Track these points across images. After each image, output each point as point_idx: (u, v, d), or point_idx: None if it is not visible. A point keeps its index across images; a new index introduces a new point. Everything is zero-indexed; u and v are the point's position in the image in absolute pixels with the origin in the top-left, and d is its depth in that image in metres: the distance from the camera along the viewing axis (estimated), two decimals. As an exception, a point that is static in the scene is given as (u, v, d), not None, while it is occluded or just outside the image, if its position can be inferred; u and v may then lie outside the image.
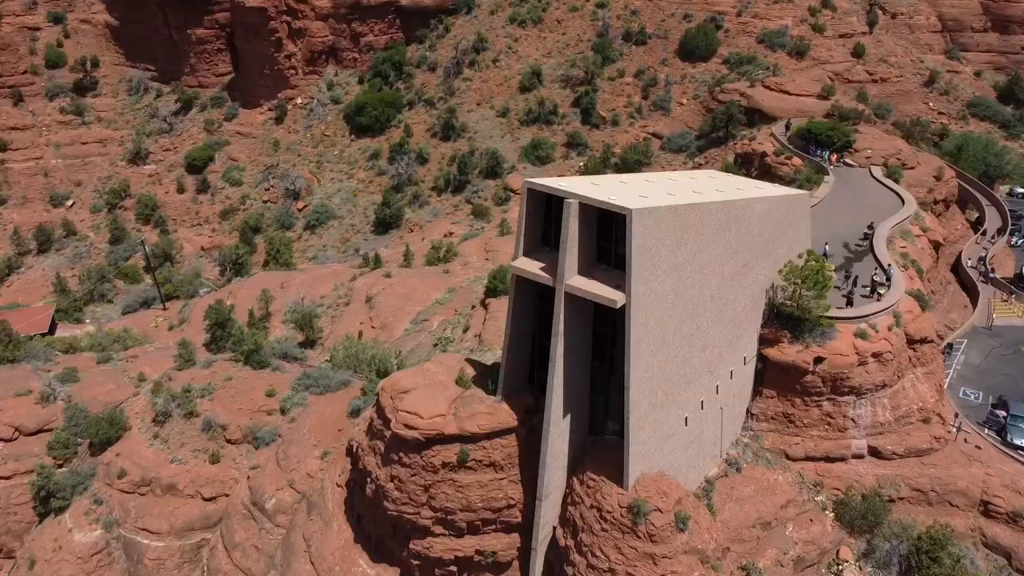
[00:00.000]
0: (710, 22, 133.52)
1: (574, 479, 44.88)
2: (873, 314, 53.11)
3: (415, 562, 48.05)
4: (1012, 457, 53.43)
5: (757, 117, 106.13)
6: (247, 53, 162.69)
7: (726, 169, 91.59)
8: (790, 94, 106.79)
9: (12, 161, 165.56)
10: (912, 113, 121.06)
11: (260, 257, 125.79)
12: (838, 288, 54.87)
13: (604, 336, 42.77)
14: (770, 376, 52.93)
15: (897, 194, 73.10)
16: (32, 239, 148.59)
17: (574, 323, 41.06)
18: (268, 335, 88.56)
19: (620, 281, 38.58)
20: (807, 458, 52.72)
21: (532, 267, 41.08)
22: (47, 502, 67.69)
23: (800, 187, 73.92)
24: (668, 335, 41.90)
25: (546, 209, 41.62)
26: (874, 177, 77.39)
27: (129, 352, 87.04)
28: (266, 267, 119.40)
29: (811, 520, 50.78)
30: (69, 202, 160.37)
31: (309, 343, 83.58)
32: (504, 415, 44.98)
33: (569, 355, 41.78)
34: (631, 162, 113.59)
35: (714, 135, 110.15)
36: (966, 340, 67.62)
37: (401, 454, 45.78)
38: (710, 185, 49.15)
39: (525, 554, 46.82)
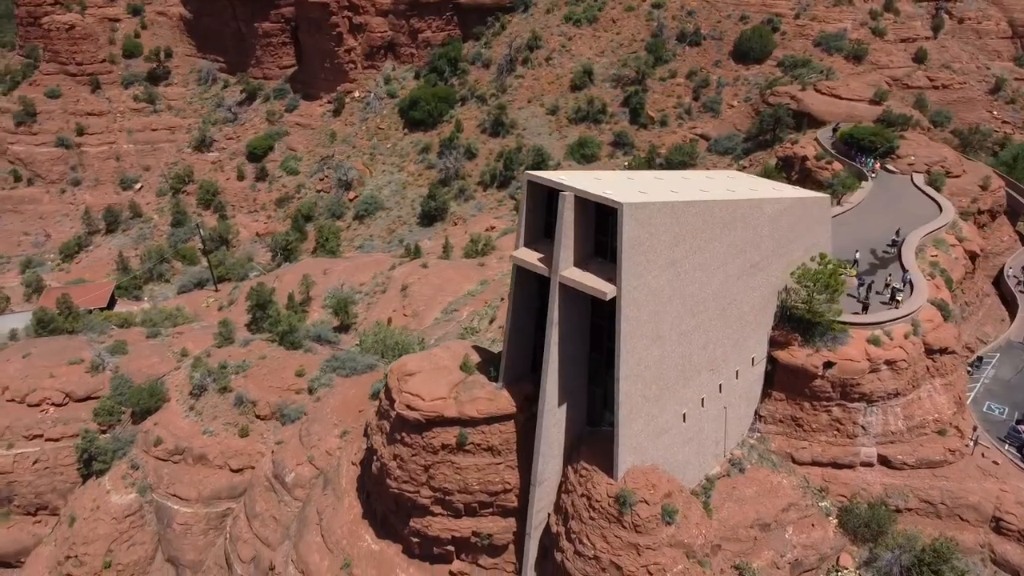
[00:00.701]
0: (766, 24, 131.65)
1: (569, 468, 45.75)
2: (889, 321, 52.30)
3: (415, 540, 49.73)
4: (1030, 475, 51.95)
5: (806, 121, 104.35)
6: (309, 47, 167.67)
7: (766, 172, 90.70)
8: (841, 98, 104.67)
9: (87, 145, 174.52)
10: (974, 121, 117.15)
11: (310, 244, 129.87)
12: (853, 296, 54.22)
13: (602, 328, 43.47)
14: (779, 379, 52.72)
15: (936, 202, 71.35)
16: (101, 219, 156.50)
17: (570, 314, 41.94)
18: (307, 318, 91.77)
19: (614, 274, 39.30)
20: (814, 463, 52.33)
21: (531, 257, 42.16)
22: (90, 465, 71.99)
23: (835, 192, 72.91)
24: (664, 330, 42.38)
25: (548, 202, 42.56)
26: (914, 184, 75.65)
27: (176, 329, 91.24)
28: (314, 254, 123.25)
29: (813, 525, 50.42)
30: (137, 185, 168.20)
31: (344, 328, 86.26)
32: (503, 401, 46.15)
33: (565, 345, 42.70)
34: (676, 163, 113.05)
35: (761, 138, 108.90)
36: (999, 354, 65.66)
37: (403, 434, 47.44)
38: (722, 185, 49.30)
39: (521, 539, 47.93)
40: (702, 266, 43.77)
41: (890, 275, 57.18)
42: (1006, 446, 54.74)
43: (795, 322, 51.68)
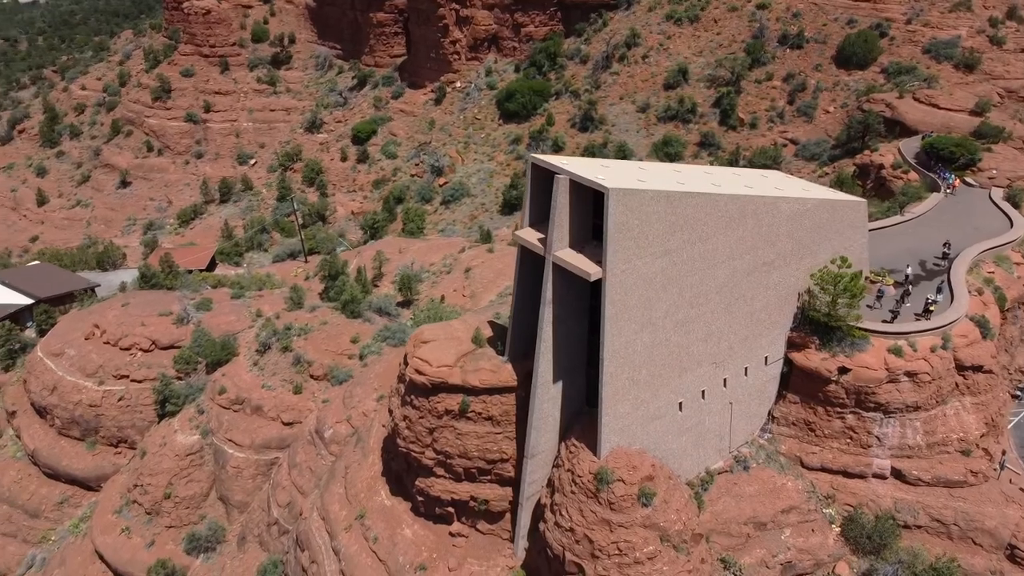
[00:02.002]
0: (875, 28, 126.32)
1: (563, 444, 47.44)
2: (915, 332, 50.87)
3: (420, 499, 52.76)
4: (1059, 506, 49.26)
5: (898, 130, 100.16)
6: (417, 37, 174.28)
7: (840, 180, 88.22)
8: (939, 108, 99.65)
9: (212, 121, 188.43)
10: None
11: (398, 225, 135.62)
12: (870, 306, 52.79)
13: (599, 311, 44.83)
14: (795, 381, 52.35)
15: (1008, 218, 67.68)
16: (216, 190, 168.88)
17: (565, 294, 43.55)
18: (375, 292, 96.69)
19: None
20: (823, 469, 51.74)
21: (532, 237, 44.10)
22: (164, 406, 79.38)
23: (901, 202, 70.45)
24: (656, 317, 43.34)
25: (552, 185, 44.22)
26: (991, 199, 71.84)
27: (258, 292, 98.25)
28: (399, 235, 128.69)
29: (813, 530, 49.98)
30: (252, 161, 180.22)
31: (406, 303, 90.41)
32: (506, 374, 48.31)
33: (560, 324, 44.38)
34: (758, 166, 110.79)
35: (849, 145, 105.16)
36: (1056, 382, 61.95)
37: (413, 397, 50.49)
38: (740, 181, 49.40)
39: (516, 508, 50.02)
40: (703, 258, 44.35)
41: (908, 280, 55.36)
42: (1041, 475, 52.01)
43: (814, 325, 51.16)
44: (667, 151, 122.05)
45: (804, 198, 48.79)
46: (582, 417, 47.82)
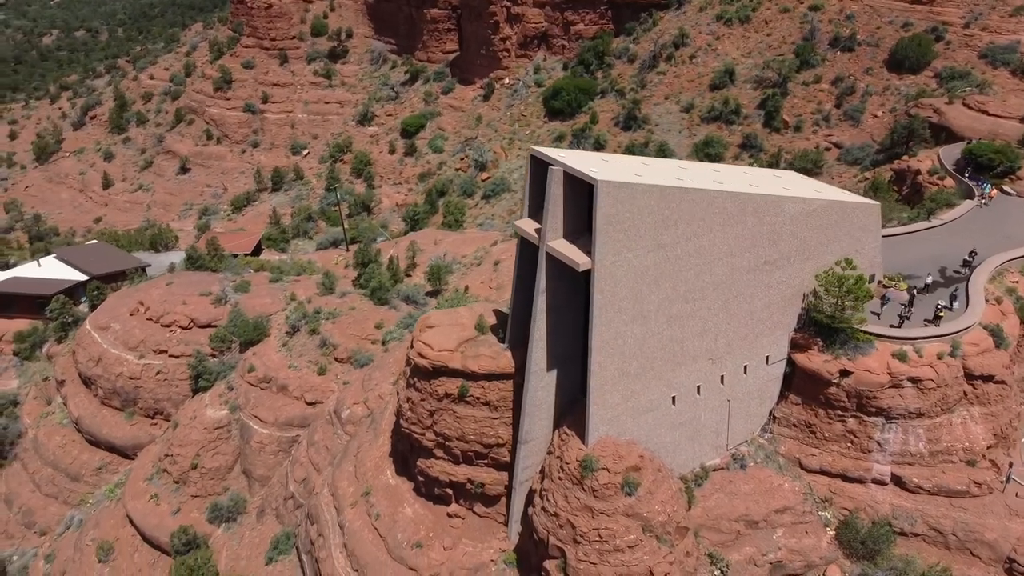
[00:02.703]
0: (930, 32, 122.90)
1: (556, 432, 48.38)
2: (922, 338, 50.15)
3: (420, 478, 54.38)
4: (1064, 523, 47.99)
5: (944, 136, 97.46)
6: (469, 34, 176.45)
7: (875, 185, 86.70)
8: (988, 114, 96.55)
9: (269, 112, 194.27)
10: None
11: (439, 218, 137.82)
12: (875, 313, 52.03)
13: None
14: (797, 382, 52.18)
15: (1043, 228, 65.68)
16: (269, 179, 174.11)
17: (560, 284, 44.44)
18: (407, 282, 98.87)
19: (597, 249, 41.45)
20: (822, 471, 51.50)
21: (529, 227, 45.15)
22: (197, 381, 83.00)
23: (929, 208, 69.05)
24: (648, 310, 43.89)
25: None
26: (1028, 208, 69.78)
27: (295, 277, 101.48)
28: (440, 227, 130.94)
29: (807, 532, 49.82)
30: (305, 151, 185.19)
31: (435, 293, 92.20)
32: (504, 361, 49.48)
33: (554, 314, 45.33)
34: (797, 169, 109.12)
35: (893, 150, 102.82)
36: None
37: (416, 379, 52.10)
38: (745, 180, 49.44)
39: (511, 493, 51.16)
40: (699, 253, 44.70)
41: (914, 287, 54.40)
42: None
43: (818, 326, 50.88)
44: (707, 152, 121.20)
45: (810, 198, 48.58)
46: (576, 406, 48.57)
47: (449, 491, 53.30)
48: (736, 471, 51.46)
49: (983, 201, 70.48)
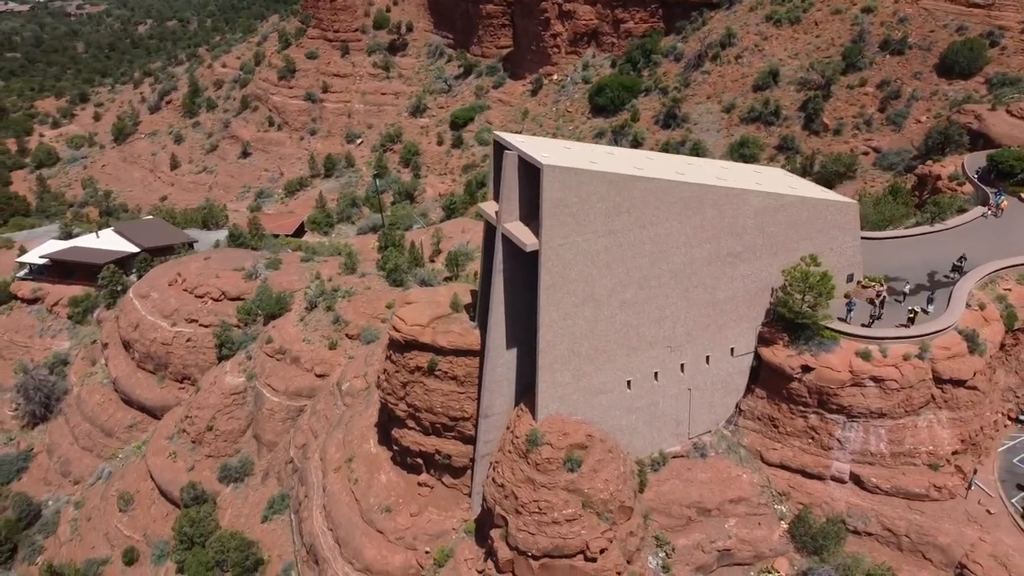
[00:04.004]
0: (985, 36, 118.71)
1: (516, 408, 50.32)
2: (891, 339, 50.03)
3: (395, 448, 57.11)
4: (1023, 532, 47.29)
5: (981, 142, 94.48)
6: (521, 29, 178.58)
7: (893, 190, 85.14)
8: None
9: (328, 101, 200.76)
10: None
11: (475, 209, 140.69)
12: (841, 319, 51.91)
13: (549, 284, 47.20)
14: (764, 376, 52.81)
15: (1051, 238, 63.79)
16: (322, 165, 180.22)
17: (518, 265, 46.23)
18: (429, 267, 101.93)
19: (548, 231, 43.18)
20: (782, 466, 52.07)
21: (491, 210, 47.21)
22: (221, 350, 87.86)
23: (932, 212, 67.84)
24: (600, 293, 45.39)
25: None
26: (1041, 217, 67.68)
27: (323, 257, 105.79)
28: (474, 217, 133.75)
29: (760, 523, 50.57)
30: (359, 140, 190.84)
31: (451, 278, 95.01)
32: (472, 339, 51.70)
33: (515, 294, 47.23)
34: (830, 172, 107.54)
35: (929, 156, 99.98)
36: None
37: (392, 352, 54.88)
38: (710, 172, 50.22)
39: (475, 465, 53.35)
40: (654, 241, 45.92)
41: (880, 290, 53.90)
42: (1014, 500, 49.78)
43: (786, 322, 51.32)
44: (742, 152, 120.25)
45: (776, 193, 49.07)
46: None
47: (420, 461, 55.89)
48: (696, 459, 52.43)
49: (990, 211, 68.51)
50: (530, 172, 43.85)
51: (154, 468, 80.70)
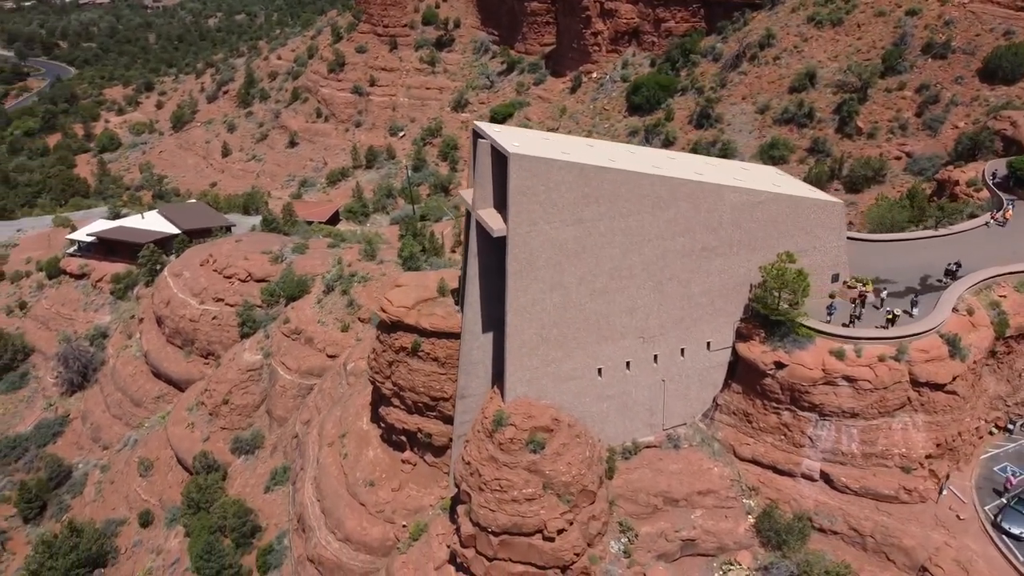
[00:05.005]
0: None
1: (491, 390, 51.91)
2: (868, 339, 49.95)
3: (382, 425, 59.34)
4: (990, 539, 46.84)
5: (1015, 149, 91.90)
6: (563, 27, 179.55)
7: (911, 194, 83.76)
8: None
9: (374, 95, 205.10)
10: None
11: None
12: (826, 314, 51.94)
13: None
14: (740, 371, 53.28)
15: (1058, 246, 62.26)
16: (364, 157, 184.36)
17: (492, 250, 47.76)
18: (449, 256, 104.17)
19: (517, 218, 44.65)
20: (754, 461, 52.52)
21: (469, 197, 48.84)
22: (242, 328, 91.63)
23: (936, 216, 66.91)
24: (568, 281, 46.64)
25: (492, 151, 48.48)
26: (1052, 226, 65.99)
27: (348, 243, 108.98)
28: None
29: (726, 516, 51.15)
30: (402, 133, 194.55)
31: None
32: (454, 322, 53.52)
33: (490, 279, 48.83)
34: (858, 176, 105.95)
35: (960, 162, 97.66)
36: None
37: (379, 332, 57.13)
38: (689, 167, 50.85)
39: (453, 444, 55.17)
40: (625, 232, 46.94)
41: (858, 291, 53.62)
42: (986, 507, 49.21)
43: (763, 318, 51.67)
44: (772, 154, 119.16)
45: (754, 190, 49.50)
46: (513, 369, 51.85)
47: (404, 439, 58.02)
48: (669, 450, 53.22)
49: (994, 220, 66.99)
50: (503, 161, 45.35)
51: (173, 437, 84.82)
